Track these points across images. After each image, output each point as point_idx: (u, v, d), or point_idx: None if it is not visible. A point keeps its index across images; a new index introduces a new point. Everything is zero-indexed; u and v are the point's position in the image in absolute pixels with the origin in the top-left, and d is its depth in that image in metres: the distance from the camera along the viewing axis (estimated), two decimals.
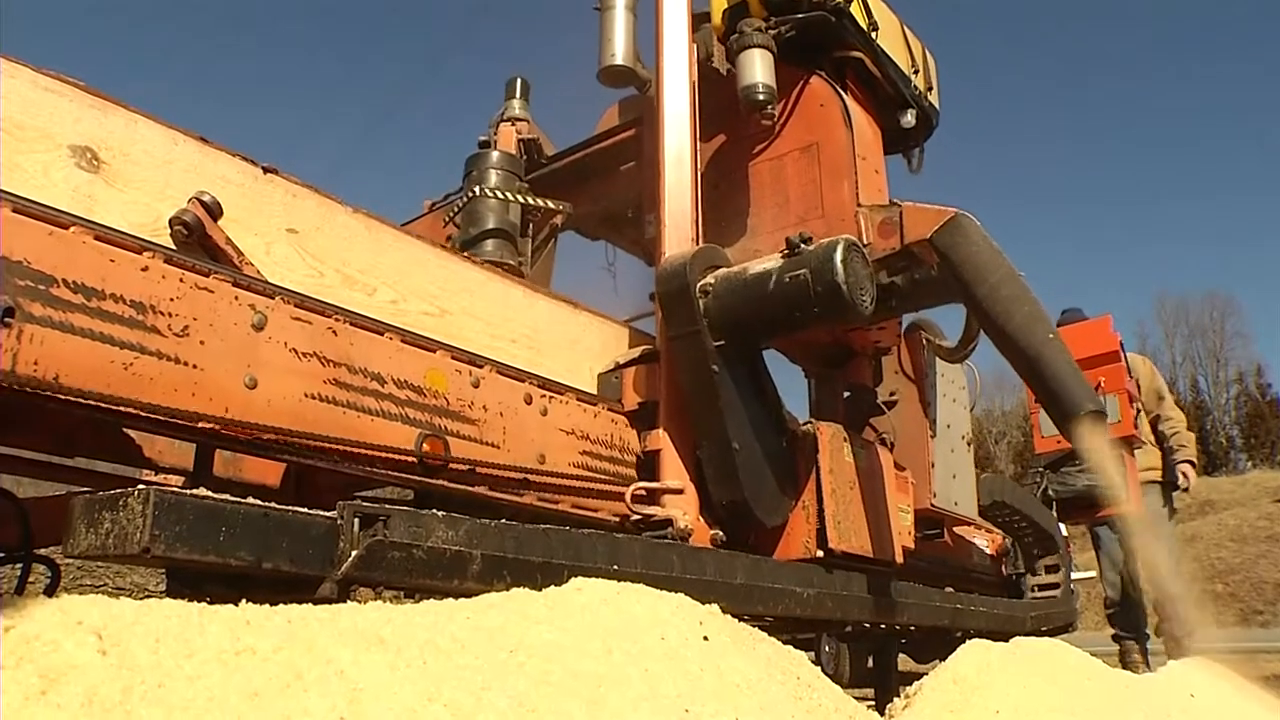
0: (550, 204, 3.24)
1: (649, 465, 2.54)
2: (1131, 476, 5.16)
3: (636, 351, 2.71)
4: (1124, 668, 4.67)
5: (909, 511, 3.02)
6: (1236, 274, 62.30)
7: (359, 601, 1.38)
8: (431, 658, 1.01)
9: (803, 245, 2.30)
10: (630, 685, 1.08)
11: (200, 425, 1.74)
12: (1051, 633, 4.35)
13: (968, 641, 2.38)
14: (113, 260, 1.79)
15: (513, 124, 3.60)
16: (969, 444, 3.62)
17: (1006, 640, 2.60)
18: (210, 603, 1.03)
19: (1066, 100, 69.97)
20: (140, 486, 1.33)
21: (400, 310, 2.30)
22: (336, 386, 1.93)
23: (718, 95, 2.93)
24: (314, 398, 1.88)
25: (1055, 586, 4.81)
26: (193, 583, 1.43)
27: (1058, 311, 5.57)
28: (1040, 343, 2.21)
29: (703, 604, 1.43)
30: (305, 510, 1.50)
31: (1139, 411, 5.27)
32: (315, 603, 1.30)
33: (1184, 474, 5.32)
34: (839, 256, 2.21)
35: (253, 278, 1.94)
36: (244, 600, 1.10)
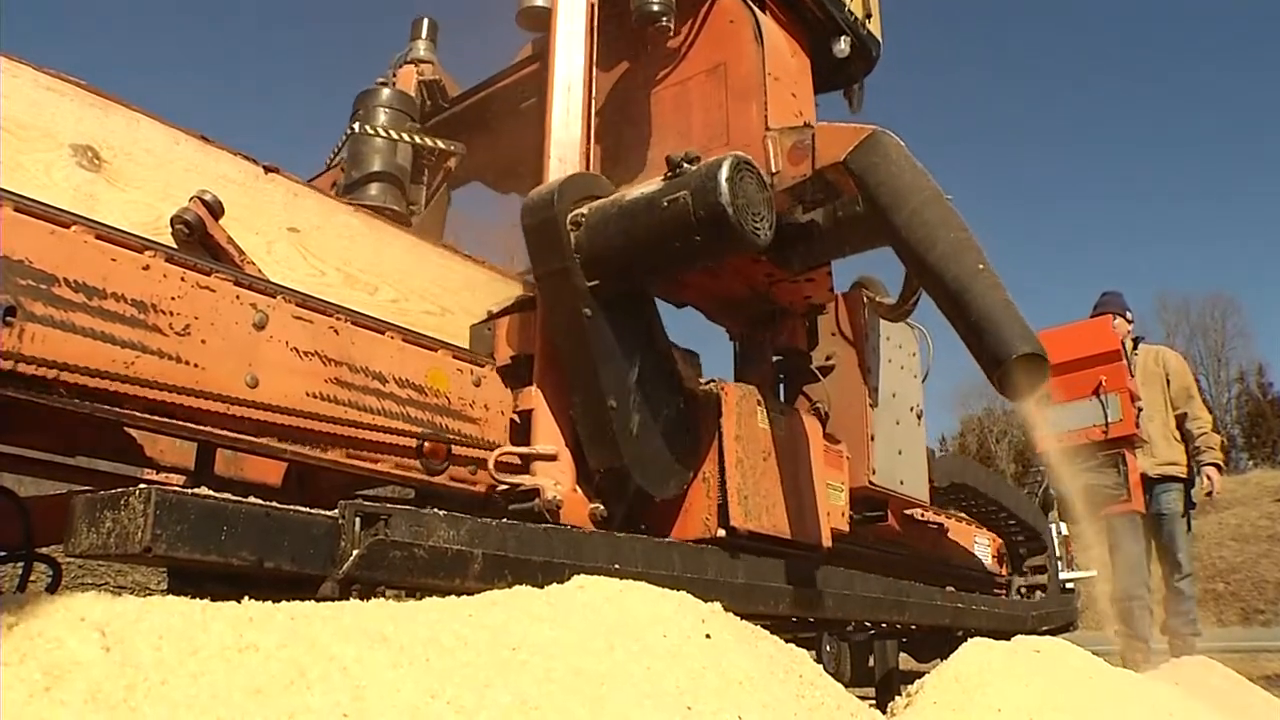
0: (440, 144, 2.96)
1: (524, 428, 2.24)
2: (1133, 475, 5.16)
3: (511, 299, 2.40)
4: (1125, 666, 4.67)
5: (842, 490, 2.72)
6: (1238, 273, 62.25)
7: (361, 599, 1.38)
8: (434, 655, 1.01)
9: (685, 165, 1.98)
10: (633, 683, 1.08)
11: (202, 424, 1.74)
12: (1053, 632, 4.33)
13: (969, 640, 2.38)
14: (114, 259, 1.79)
15: (415, 65, 3.29)
16: (920, 417, 3.23)
17: (961, 639, 2.44)
18: (212, 600, 1.03)
19: (1069, 99, 69.98)
20: (141, 486, 1.34)
21: (402, 309, 2.30)
22: (338, 385, 1.93)
23: (626, 24, 2.61)
24: (315, 396, 1.88)
25: (1040, 586, 4.62)
26: (194, 581, 1.43)
27: (1076, 308, 5.55)
28: (966, 274, 1.88)
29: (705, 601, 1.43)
30: (306, 509, 1.50)
31: (1140, 411, 5.27)
32: (317, 600, 1.30)
33: (1209, 476, 5.30)
34: (724, 175, 1.89)
35: (254, 276, 1.94)
36: (246, 598, 1.10)
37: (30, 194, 1.87)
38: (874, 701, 3.04)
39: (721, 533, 2.15)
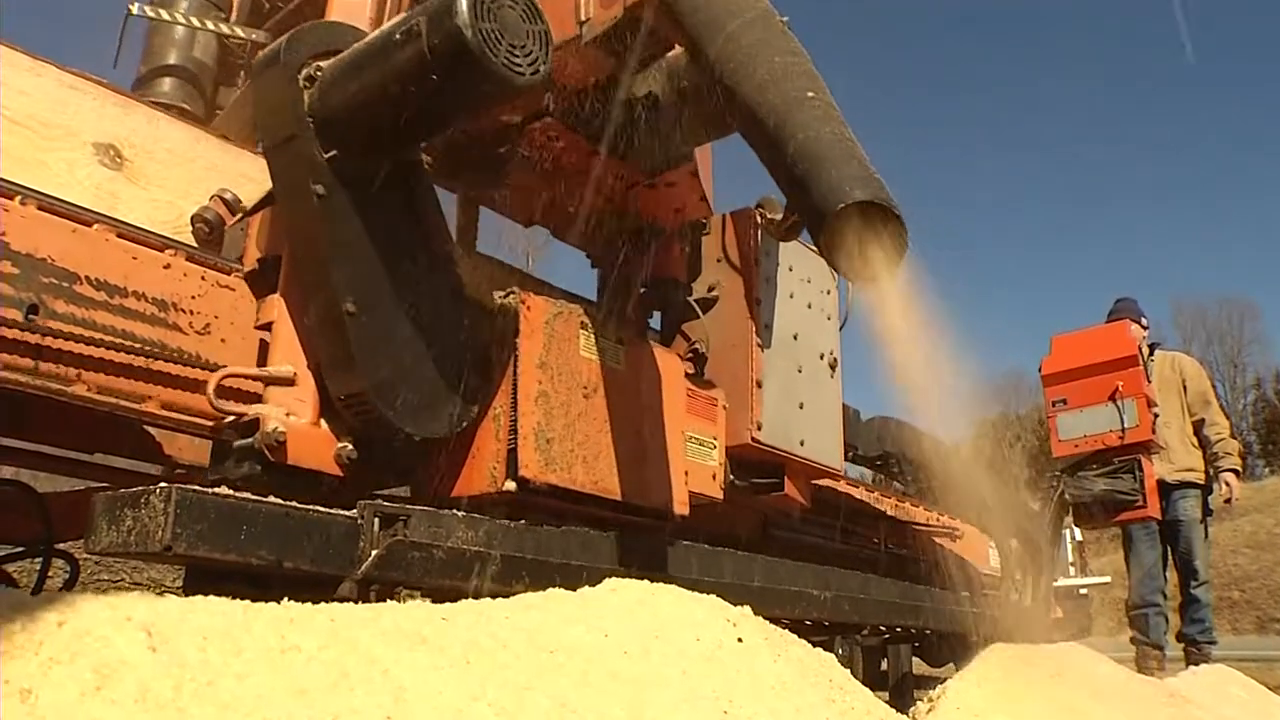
0: (242, 32, 2.60)
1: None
2: (1149, 481, 5.13)
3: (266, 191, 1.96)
4: (1140, 673, 4.64)
5: (715, 446, 2.22)
6: (1256, 278, 61.77)
7: (379, 599, 1.38)
8: (474, 657, 1.01)
9: None
10: (670, 686, 1.08)
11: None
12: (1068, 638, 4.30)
13: (990, 645, 2.37)
14: (135, 258, 1.81)
15: None
16: (834, 367, 2.67)
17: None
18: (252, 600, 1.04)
19: (1082, 101, 69.67)
20: (162, 484, 1.35)
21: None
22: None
23: None
24: None
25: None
26: (212, 579, 1.42)
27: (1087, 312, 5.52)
28: (788, 103, 1.46)
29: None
30: (326, 509, 1.51)
31: (1156, 417, 5.24)
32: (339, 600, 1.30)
33: (1227, 483, 5.27)
34: None
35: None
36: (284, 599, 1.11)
37: (54, 192, 1.90)
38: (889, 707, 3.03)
39: (510, 486, 1.71)
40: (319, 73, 1.67)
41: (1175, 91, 64.52)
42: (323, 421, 1.71)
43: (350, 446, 1.69)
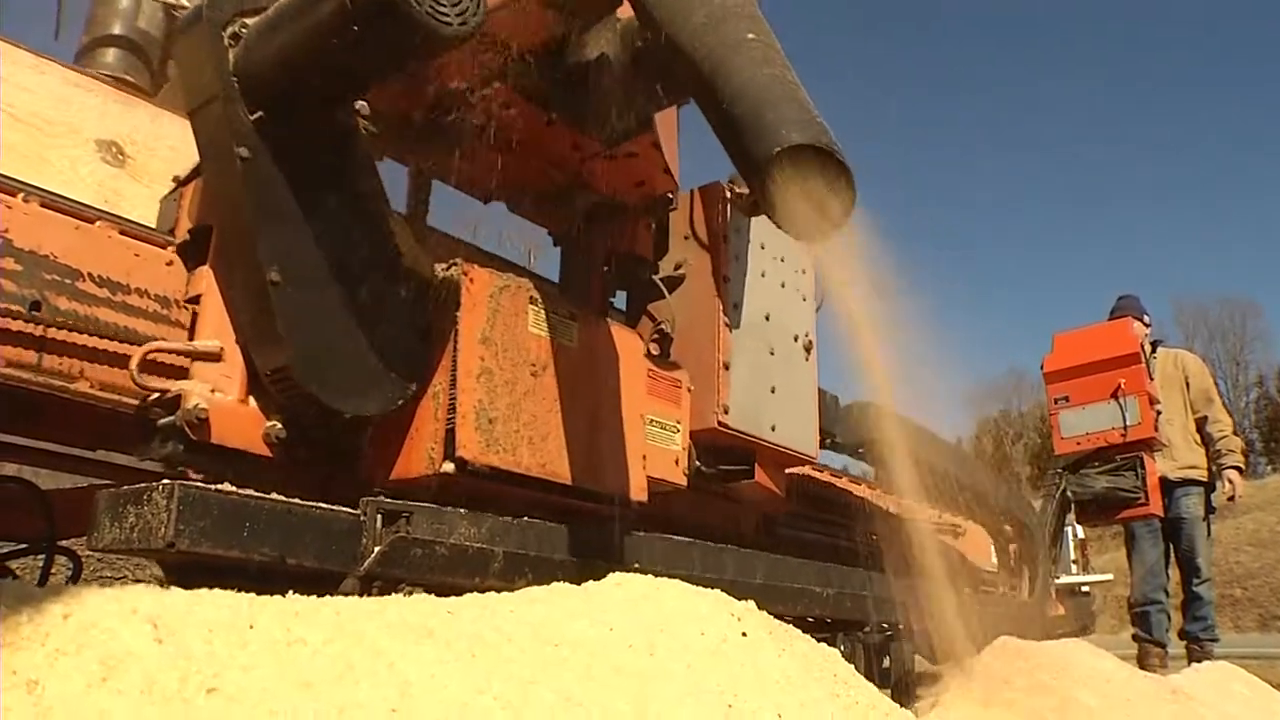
0: (188, 2, 2.36)
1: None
2: (1151, 479, 5.12)
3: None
4: (1142, 670, 4.64)
5: (678, 430, 2.14)
6: (1258, 276, 61.79)
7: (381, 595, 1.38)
8: (479, 651, 1.02)
9: None
10: (674, 680, 1.08)
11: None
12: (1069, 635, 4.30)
13: (995, 640, 2.37)
14: (137, 255, 1.82)
15: None
16: (809, 350, 2.56)
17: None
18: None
19: (1084, 100, 69.58)
20: (164, 481, 1.35)
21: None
22: None
23: None
24: None
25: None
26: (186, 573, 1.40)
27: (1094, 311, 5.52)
28: (726, 46, 1.36)
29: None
30: (328, 506, 1.51)
31: (1159, 414, 5.23)
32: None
33: (1230, 480, 5.27)
34: None
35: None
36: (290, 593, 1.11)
37: (57, 189, 1.90)
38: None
39: (448, 468, 1.62)
40: (244, 30, 1.59)
41: (1175, 91, 64.43)
42: (251, 399, 1.64)
43: (279, 426, 1.61)
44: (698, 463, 2.22)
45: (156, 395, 1.57)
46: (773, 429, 2.35)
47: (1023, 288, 70.87)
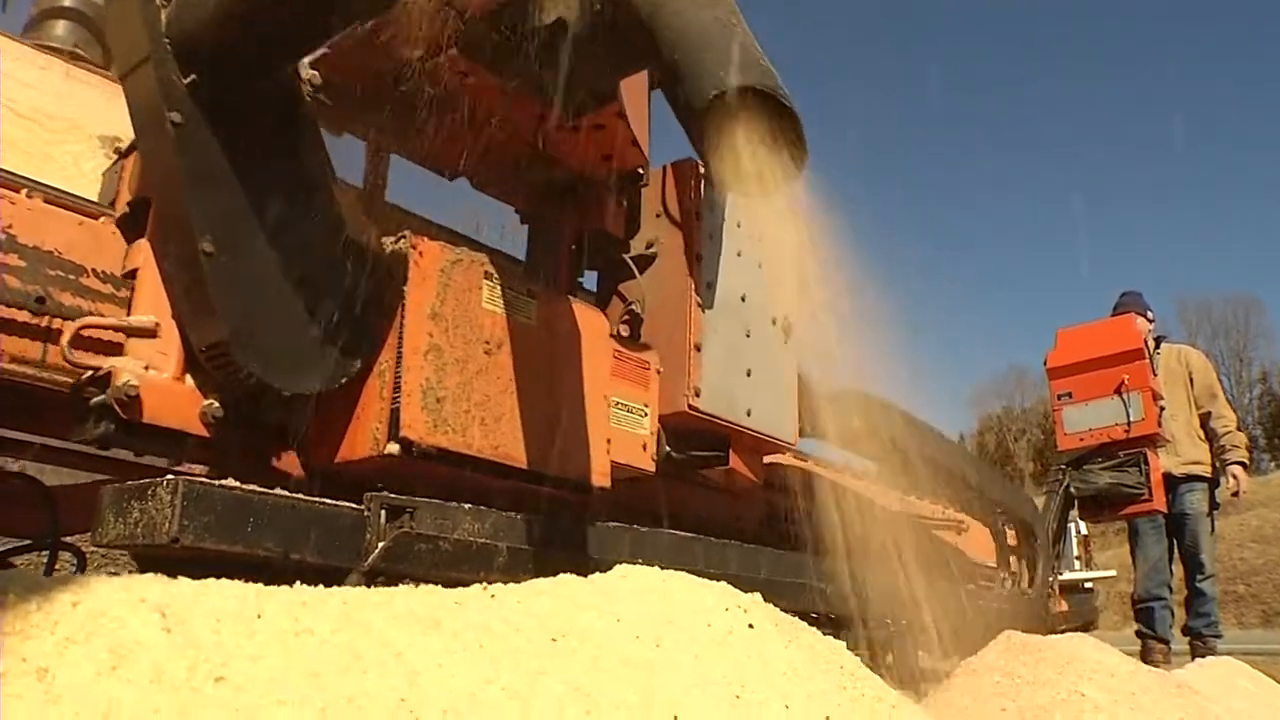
0: None
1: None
2: (1154, 475, 5.12)
3: None
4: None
5: (646, 413, 2.06)
6: (1262, 273, 61.70)
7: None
8: (487, 641, 1.02)
9: None
10: (682, 671, 1.08)
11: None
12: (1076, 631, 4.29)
13: (1002, 634, 2.37)
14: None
15: None
16: (788, 333, 2.45)
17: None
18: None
19: (1085, 99, 69.40)
20: (169, 476, 1.35)
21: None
22: None
23: None
24: None
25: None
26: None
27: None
28: None
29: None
30: (332, 501, 1.51)
31: (1162, 410, 5.22)
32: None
33: (1234, 476, 5.27)
34: None
35: None
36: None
37: (60, 185, 1.90)
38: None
39: (393, 449, 1.55)
40: None
41: (1175, 91, 64.26)
42: (188, 377, 1.58)
43: (217, 404, 1.55)
44: (668, 448, 2.14)
45: (90, 374, 1.51)
46: (748, 414, 2.26)
47: (1023, 287, 70.83)
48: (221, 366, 1.52)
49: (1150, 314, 5.63)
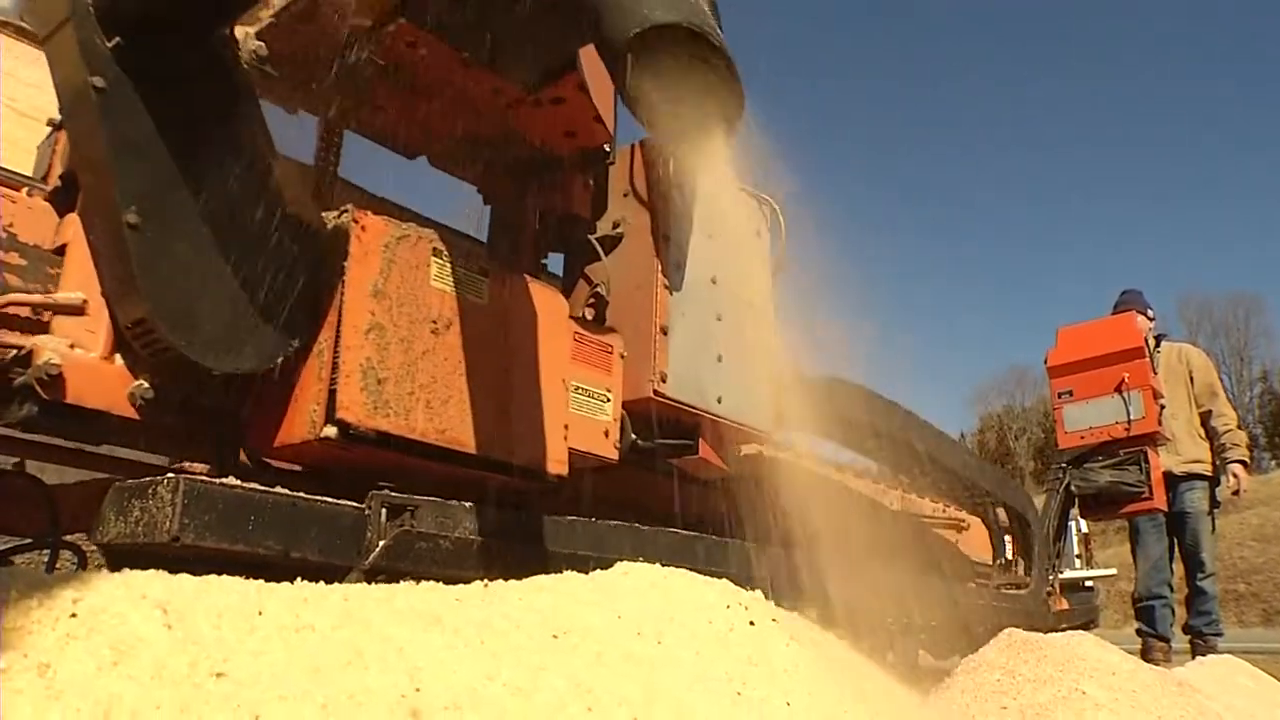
0: None
1: None
2: (1155, 473, 5.12)
3: None
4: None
5: (608, 399, 1.97)
6: (1262, 272, 61.70)
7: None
8: (488, 638, 1.02)
9: None
10: (683, 667, 1.08)
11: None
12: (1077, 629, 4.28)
13: (1003, 632, 2.37)
14: None
15: None
16: (764, 318, 2.38)
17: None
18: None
19: (1086, 99, 69.39)
20: (169, 475, 1.34)
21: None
22: None
23: None
24: None
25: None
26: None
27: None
28: None
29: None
30: (333, 500, 1.51)
31: (1163, 408, 5.22)
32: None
33: (1235, 474, 5.26)
34: None
35: None
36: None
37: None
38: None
39: (329, 432, 1.46)
40: None
41: (1176, 91, 64.23)
42: (117, 357, 1.51)
43: (146, 385, 1.48)
44: (634, 436, 2.04)
45: (13, 353, 1.43)
46: (719, 401, 2.15)
47: (1024, 287, 70.84)
48: (147, 344, 1.45)
49: (1150, 312, 5.62)
